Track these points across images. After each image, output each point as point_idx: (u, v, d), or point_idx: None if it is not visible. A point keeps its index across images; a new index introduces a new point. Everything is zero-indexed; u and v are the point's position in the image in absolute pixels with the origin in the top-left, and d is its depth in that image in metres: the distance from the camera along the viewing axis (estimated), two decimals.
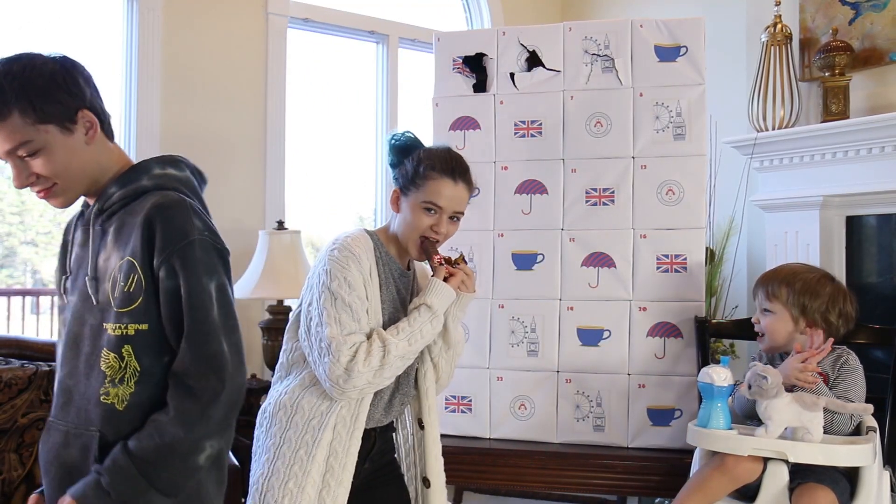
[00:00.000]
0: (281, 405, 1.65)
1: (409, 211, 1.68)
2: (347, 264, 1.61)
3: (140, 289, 1.29)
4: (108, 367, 1.30)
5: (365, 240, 1.68)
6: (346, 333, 1.57)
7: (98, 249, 1.35)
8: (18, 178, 1.32)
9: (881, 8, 3.03)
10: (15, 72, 1.25)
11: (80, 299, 1.35)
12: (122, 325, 1.30)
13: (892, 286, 3.02)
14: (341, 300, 1.58)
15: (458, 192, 1.68)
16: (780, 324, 2.00)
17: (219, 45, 3.41)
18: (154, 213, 1.29)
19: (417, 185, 1.67)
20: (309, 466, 1.59)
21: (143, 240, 1.29)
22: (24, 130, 1.27)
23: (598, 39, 2.51)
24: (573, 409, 2.45)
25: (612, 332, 2.44)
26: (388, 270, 1.72)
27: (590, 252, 2.46)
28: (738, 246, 3.40)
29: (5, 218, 3.85)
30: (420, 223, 1.67)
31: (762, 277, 2.09)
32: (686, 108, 2.44)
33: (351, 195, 3.99)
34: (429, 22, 4.08)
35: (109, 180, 1.36)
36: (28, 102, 1.26)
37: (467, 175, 1.71)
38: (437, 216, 1.67)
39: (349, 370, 1.55)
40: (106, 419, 1.30)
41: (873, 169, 2.94)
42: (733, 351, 3.30)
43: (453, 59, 2.62)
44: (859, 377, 1.94)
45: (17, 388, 2.38)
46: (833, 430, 1.85)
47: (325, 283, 1.61)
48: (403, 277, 1.76)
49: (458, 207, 1.70)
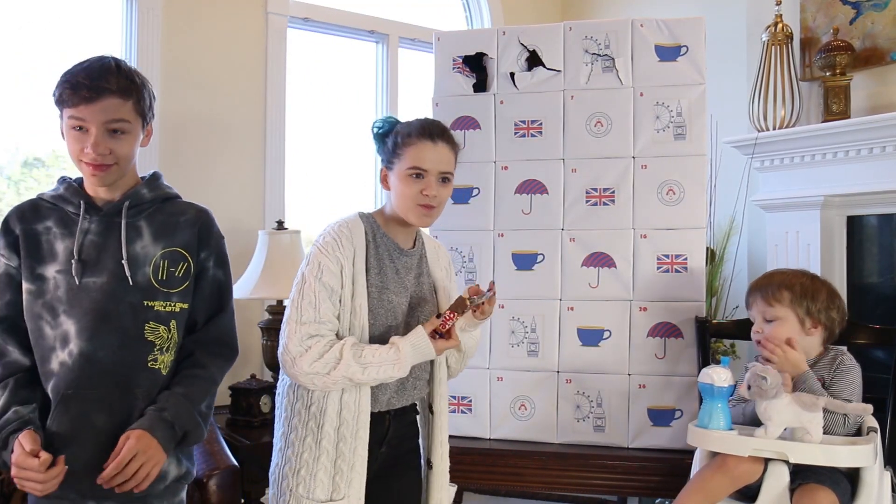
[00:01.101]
0: (284, 393, 1.67)
1: (398, 183, 1.67)
2: (327, 250, 1.62)
3: (188, 274, 1.61)
4: (158, 338, 1.57)
5: (355, 224, 1.68)
6: (302, 322, 1.57)
7: (131, 238, 1.57)
8: (97, 147, 1.51)
9: (882, 7, 3.02)
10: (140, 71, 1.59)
11: (111, 279, 1.54)
12: (172, 303, 1.58)
13: (892, 286, 3.01)
14: (308, 286, 1.60)
15: (439, 151, 1.67)
16: (786, 328, 1.98)
17: (218, 44, 3.41)
18: (204, 217, 1.66)
19: (399, 156, 1.67)
20: (318, 452, 1.59)
21: (195, 236, 1.63)
22: (130, 113, 1.53)
23: (599, 39, 2.50)
24: (573, 410, 2.45)
25: (613, 332, 2.43)
26: (385, 251, 1.71)
27: (590, 252, 2.46)
28: (739, 246, 3.39)
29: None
30: (410, 191, 1.65)
31: (755, 287, 2.07)
32: (686, 108, 2.44)
33: (351, 195, 3.99)
34: (429, 22, 4.08)
35: (136, 183, 1.62)
36: (146, 95, 1.57)
37: (446, 134, 1.70)
38: (425, 180, 1.65)
39: (295, 362, 1.55)
40: (150, 382, 1.55)
41: (874, 169, 2.94)
42: (734, 351, 3.29)
43: (453, 59, 2.61)
44: (855, 376, 1.94)
45: None
46: (826, 430, 1.85)
47: (302, 266, 1.65)
48: (404, 256, 1.73)
49: (444, 167, 1.68)
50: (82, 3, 3.29)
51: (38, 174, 4.27)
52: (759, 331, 2.03)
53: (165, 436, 1.49)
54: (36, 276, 1.54)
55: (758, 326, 2.04)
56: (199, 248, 1.63)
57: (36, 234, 1.57)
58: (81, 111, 1.51)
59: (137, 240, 1.58)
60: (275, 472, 1.64)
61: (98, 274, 1.54)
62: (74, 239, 1.55)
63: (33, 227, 1.57)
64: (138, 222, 1.59)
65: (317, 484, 1.58)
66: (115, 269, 1.54)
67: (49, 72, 3.44)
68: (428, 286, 1.78)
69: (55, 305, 1.53)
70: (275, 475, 1.64)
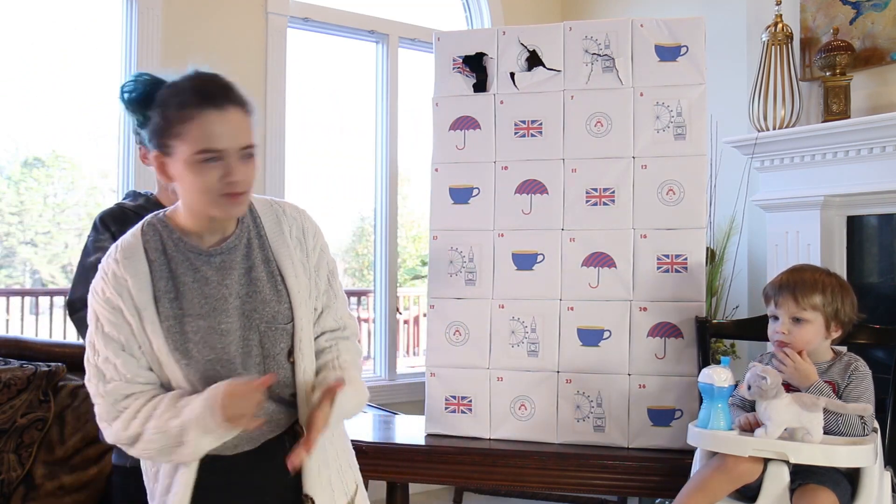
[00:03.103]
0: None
1: (185, 173, 1.27)
2: (97, 294, 1.31)
3: None
4: None
5: (129, 245, 1.33)
6: (108, 381, 1.30)
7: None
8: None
9: (882, 7, 3.02)
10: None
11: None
12: None
13: (892, 286, 3.01)
14: (98, 344, 1.31)
15: (230, 120, 1.28)
16: (814, 330, 1.94)
17: (218, 44, 3.41)
18: None
19: (178, 136, 1.26)
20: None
21: None
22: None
23: (599, 39, 2.50)
24: (573, 410, 2.45)
25: (613, 332, 2.43)
26: (185, 264, 1.33)
27: (590, 252, 2.45)
28: (739, 246, 3.39)
29: (4, 218, 3.85)
30: (206, 181, 1.26)
31: (786, 285, 1.98)
32: (686, 108, 2.43)
33: (351, 195, 3.99)
34: (429, 21, 4.08)
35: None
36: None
37: (232, 93, 1.32)
38: (224, 163, 1.27)
39: (109, 427, 1.31)
40: None
41: (874, 169, 2.94)
42: (734, 351, 3.29)
43: (453, 59, 2.61)
44: (869, 383, 1.93)
45: (16, 389, 2.37)
46: (841, 432, 1.84)
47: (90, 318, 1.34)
48: (214, 257, 1.35)
49: (244, 140, 1.30)
50: (82, 3, 3.29)
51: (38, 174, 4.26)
52: (786, 332, 1.95)
53: None
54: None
55: (784, 327, 1.96)
56: None
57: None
58: None
59: None
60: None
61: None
62: None
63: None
64: None
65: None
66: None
67: (49, 72, 3.44)
68: (269, 277, 1.38)
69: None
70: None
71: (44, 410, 2.41)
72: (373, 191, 3.96)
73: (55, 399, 2.45)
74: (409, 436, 2.54)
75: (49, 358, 2.57)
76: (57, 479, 2.37)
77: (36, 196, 4.21)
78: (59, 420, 2.43)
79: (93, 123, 3.51)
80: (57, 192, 4.29)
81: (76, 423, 2.44)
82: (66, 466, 2.40)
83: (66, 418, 2.44)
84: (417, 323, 6.87)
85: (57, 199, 4.27)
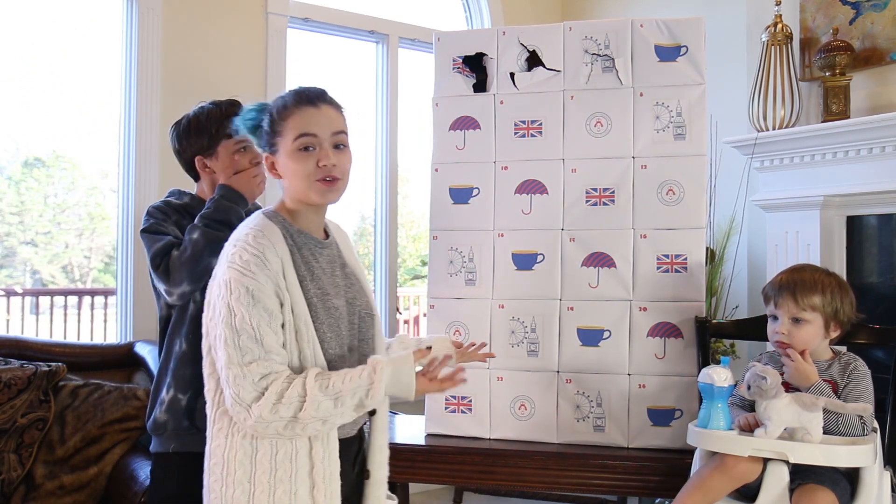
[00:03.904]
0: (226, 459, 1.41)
1: (289, 163, 1.48)
2: (251, 271, 1.37)
3: None
4: None
5: (270, 229, 1.45)
6: (248, 362, 1.34)
7: None
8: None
9: (882, 7, 3.03)
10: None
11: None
12: None
13: (892, 286, 3.01)
14: (241, 318, 1.35)
15: (324, 113, 1.49)
16: (813, 330, 1.95)
17: (218, 44, 3.41)
18: None
19: (280, 133, 1.48)
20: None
21: None
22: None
23: (599, 39, 2.50)
24: (573, 410, 2.45)
25: (613, 332, 2.43)
26: (309, 251, 1.50)
27: (590, 252, 2.46)
28: (739, 246, 3.39)
29: (5, 218, 3.85)
30: (304, 166, 1.46)
31: (785, 285, 1.99)
32: (686, 108, 2.44)
33: (351, 195, 3.99)
34: (429, 22, 4.08)
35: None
36: None
37: (325, 96, 1.52)
38: (318, 151, 1.46)
39: (251, 410, 1.33)
40: None
41: (874, 169, 2.94)
42: (733, 351, 3.29)
43: (453, 59, 2.61)
44: (869, 383, 1.93)
45: (16, 389, 2.38)
46: (840, 432, 1.84)
47: (223, 297, 1.38)
48: (325, 249, 1.55)
49: (336, 127, 1.49)
50: (82, 3, 3.29)
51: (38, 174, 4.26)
52: (785, 332, 1.96)
53: None
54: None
55: (783, 327, 1.96)
56: None
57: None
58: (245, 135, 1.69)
59: None
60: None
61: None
62: None
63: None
64: None
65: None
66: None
67: (49, 72, 3.45)
68: (353, 278, 1.59)
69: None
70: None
71: (44, 410, 2.42)
72: (373, 191, 3.96)
73: (55, 399, 2.45)
74: (409, 436, 2.54)
75: (49, 358, 2.57)
76: (57, 478, 2.37)
77: (36, 196, 4.21)
78: (59, 420, 2.44)
79: (93, 123, 3.51)
80: (57, 192, 4.29)
81: (76, 423, 2.44)
82: (66, 466, 2.40)
83: (67, 418, 2.44)
84: (417, 323, 6.87)
85: (57, 199, 4.27)
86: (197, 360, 1.60)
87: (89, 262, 4.82)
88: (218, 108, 1.94)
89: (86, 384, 2.53)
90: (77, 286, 4.98)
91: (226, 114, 1.91)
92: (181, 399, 1.84)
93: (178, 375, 1.85)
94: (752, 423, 1.87)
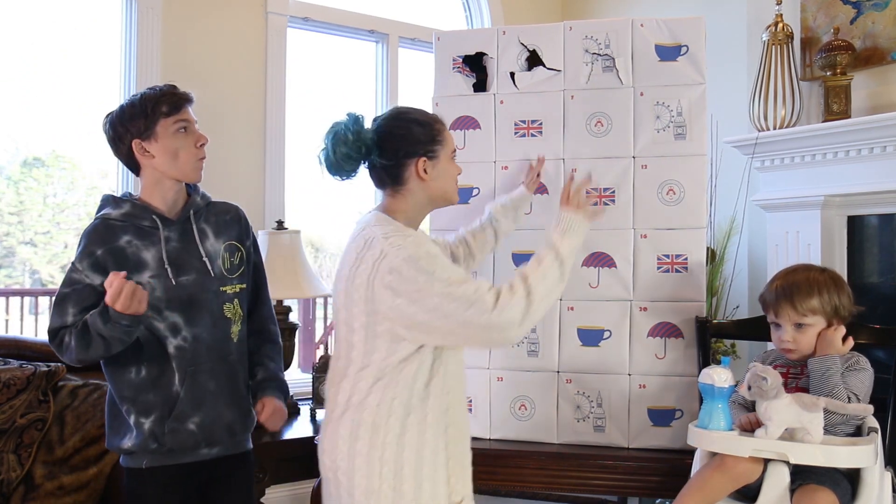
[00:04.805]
0: (390, 407, 1.64)
1: (448, 167, 1.80)
2: (419, 242, 1.66)
3: (243, 261, 2.01)
4: (233, 315, 1.97)
5: (415, 232, 1.75)
6: (470, 291, 1.57)
7: (202, 239, 1.94)
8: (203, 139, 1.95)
9: (883, 7, 3.02)
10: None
11: (198, 275, 1.90)
12: (234, 285, 1.97)
13: (893, 286, 3.01)
14: (438, 264, 1.61)
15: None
16: (817, 332, 1.96)
17: (218, 44, 3.41)
18: (241, 213, 2.07)
19: (443, 143, 1.79)
20: (444, 456, 1.67)
21: (240, 230, 2.03)
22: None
23: (599, 39, 2.50)
24: (573, 410, 2.44)
25: (613, 332, 2.43)
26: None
27: (590, 252, 2.45)
28: (739, 246, 3.39)
29: (4, 218, 3.84)
30: (455, 171, 1.83)
31: (783, 294, 1.98)
32: (687, 108, 2.43)
33: (351, 195, 3.99)
34: (429, 21, 4.08)
35: (185, 194, 1.98)
36: None
37: None
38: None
39: (503, 312, 1.56)
40: (236, 350, 1.97)
41: (875, 169, 2.93)
42: (734, 351, 3.29)
43: (453, 59, 2.61)
44: (866, 378, 1.93)
45: (15, 389, 2.37)
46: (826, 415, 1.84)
47: (408, 275, 1.59)
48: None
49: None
50: (82, 3, 3.29)
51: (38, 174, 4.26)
52: (791, 339, 1.97)
53: (283, 398, 2.03)
54: (168, 276, 1.86)
55: (788, 335, 1.97)
56: (244, 237, 2.04)
57: (121, 250, 1.85)
58: (185, 114, 1.90)
59: (206, 240, 1.95)
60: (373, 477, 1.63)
61: (187, 272, 1.89)
62: (159, 247, 1.87)
63: (115, 244, 1.85)
64: (202, 225, 1.95)
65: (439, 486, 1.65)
66: (199, 266, 1.91)
67: (49, 72, 3.44)
68: None
69: (157, 304, 1.84)
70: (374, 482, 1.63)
71: (43, 410, 2.41)
72: (373, 191, 3.96)
73: (55, 399, 2.45)
74: None
75: (49, 358, 2.56)
76: (56, 479, 2.37)
77: (36, 196, 4.21)
78: (58, 420, 2.43)
79: (93, 123, 3.51)
80: (57, 192, 4.28)
81: (76, 423, 2.44)
82: (66, 466, 2.39)
83: (66, 418, 2.44)
84: None
85: (57, 199, 4.27)
86: (157, 385, 1.84)
87: None
88: (152, 90, 1.91)
89: (85, 384, 2.52)
90: None
91: (161, 93, 1.89)
92: (144, 423, 1.86)
93: (138, 401, 1.87)
94: (754, 422, 1.87)
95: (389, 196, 1.80)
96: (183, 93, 1.92)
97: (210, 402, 1.90)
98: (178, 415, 1.86)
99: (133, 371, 1.87)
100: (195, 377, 1.88)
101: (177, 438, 1.87)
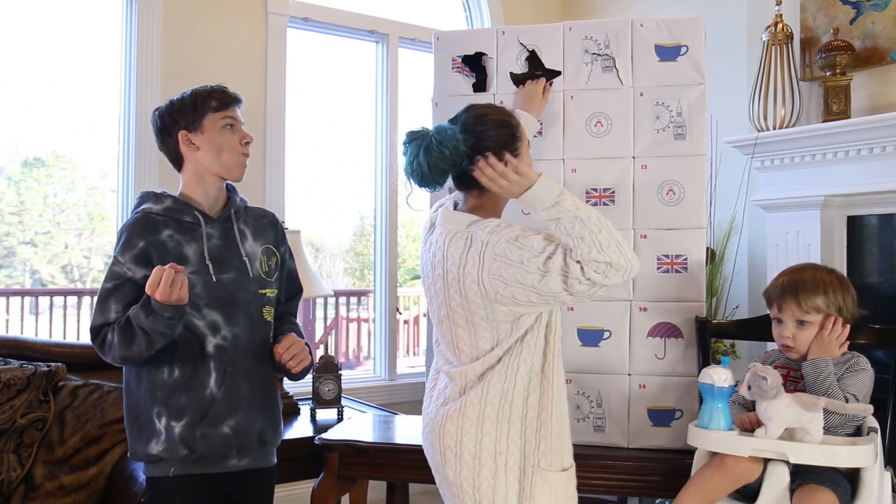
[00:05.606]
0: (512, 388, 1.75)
1: (527, 159, 1.87)
2: (511, 225, 1.76)
3: (277, 266, 2.02)
4: (270, 317, 1.98)
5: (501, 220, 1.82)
6: (560, 248, 1.72)
7: (242, 240, 1.95)
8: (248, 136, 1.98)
9: (882, 7, 3.02)
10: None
11: (237, 274, 1.91)
12: (272, 289, 1.99)
13: (893, 286, 3.01)
14: (537, 252, 1.70)
15: None
16: (815, 332, 1.96)
17: (218, 44, 3.41)
18: (277, 219, 2.10)
19: (520, 138, 1.84)
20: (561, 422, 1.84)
21: (276, 235, 2.05)
22: None
23: (599, 39, 2.50)
24: (573, 410, 2.44)
25: (613, 332, 2.43)
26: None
27: None
28: (739, 246, 3.39)
29: (4, 218, 3.85)
30: (528, 160, 1.91)
31: (788, 290, 1.99)
32: (686, 108, 2.43)
33: (351, 195, 3.99)
34: (429, 21, 4.08)
35: (225, 194, 1.99)
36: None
37: None
38: None
39: (629, 259, 1.78)
40: (270, 356, 1.95)
41: (874, 169, 2.94)
42: (734, 351, 3.29)
43: (453, 59, 2.61)
44: (865, 378, 1.93)
45: (16, 389, 2.37)
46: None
47: (515, 255, 1.69)
48: None
49: None
50: (82, 3, 3.29)
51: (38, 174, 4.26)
52: (791, 335, 1.97)
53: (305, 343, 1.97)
54: (209, 272, 1.87)
55: (789, 331, 1.97)
56: (280, 243, 2.05)
57: (162, 243, 1.84)
58: (233, 112, 1.93)
59: (245, 241, 1.96)
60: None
61: (228, 271, 1.89)
62: (201, 243, 1.87)
63: (157, 238, 1.85)
64: (241, 226, 1.97)
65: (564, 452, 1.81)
66: (239, 265, 1.92)
67: (49, 72, 3.45)
68: None
69: (196, 301, 1.84)
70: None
71: (43, 410, 2.42)
72: (373, 191, 3.96)
73: (55, 399, 2.45)
74: (409, 436, 2.54)
75: (49, 358, 2.57)
76: (57, 479, 2.37)
77: (36, 196, 4.21)
78: (58, 420, 2.43)
79: (93, 123, 3.51)
80: (57, 192, 4.29)
81: (76, 423, 2.44)
82: (66, 466, 2.40)
83: (66, 418, 2.44)
84: (417, 323, 6.87)
85: (57, 199, 4.27)
86: (190, 387, 1.80)
87: (89, 263, 4.82)
88: (203, 87, 1.95)
89: (85, 384, 2.52)
90: (77, 286, 4.98)
91: (211, 90, 1.93)
92: (175, 426, 1.82)
93: (170, 403, 1.83)
94: (754, 421, 1.87)
95: (475, 197, 1.86)
96: (233, 93, 1.96)
97: (244, 407, 1.89)
98: (212, 418, 1.83)
99: (166, 371, 1.83)
100: (233, 378, 1.87)
101: (209, 444, 1.83)
